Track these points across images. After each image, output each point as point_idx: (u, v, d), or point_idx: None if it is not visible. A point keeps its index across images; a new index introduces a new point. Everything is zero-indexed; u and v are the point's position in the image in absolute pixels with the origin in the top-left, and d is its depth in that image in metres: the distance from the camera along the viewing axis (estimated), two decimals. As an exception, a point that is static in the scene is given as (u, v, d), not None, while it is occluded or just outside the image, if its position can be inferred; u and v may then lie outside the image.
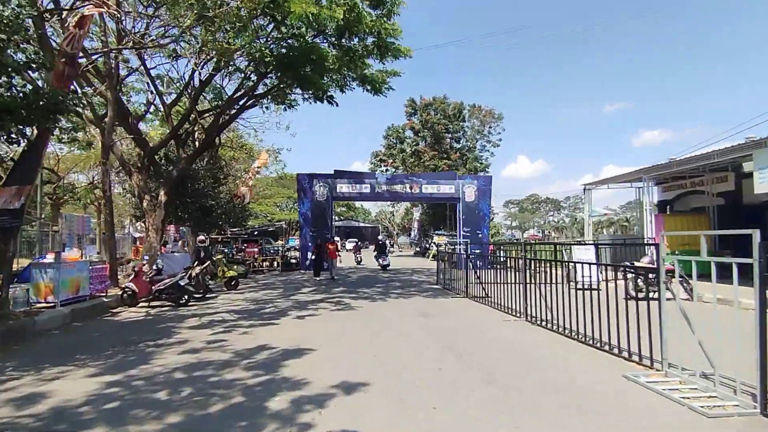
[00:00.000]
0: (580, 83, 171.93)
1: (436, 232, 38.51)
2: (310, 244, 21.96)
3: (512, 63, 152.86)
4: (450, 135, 39.64)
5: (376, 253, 23.86)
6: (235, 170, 28.85)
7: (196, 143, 21.05)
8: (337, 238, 58.80)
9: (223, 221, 23.18)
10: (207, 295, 12.27)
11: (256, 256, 21.39)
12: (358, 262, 29.57)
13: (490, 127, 42.28)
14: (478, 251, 21.75)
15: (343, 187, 22.20)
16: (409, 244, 69.45)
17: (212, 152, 21.21)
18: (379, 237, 29.41)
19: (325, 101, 17.00)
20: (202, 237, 14.23)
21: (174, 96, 16.05)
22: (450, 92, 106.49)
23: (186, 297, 10.80)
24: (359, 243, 40.38)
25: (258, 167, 24.63)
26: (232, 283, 13.94)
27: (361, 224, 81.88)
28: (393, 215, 61.05)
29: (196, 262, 12.50)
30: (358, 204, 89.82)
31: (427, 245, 43.64)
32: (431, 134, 38.76)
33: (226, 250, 22.53)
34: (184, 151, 15.41)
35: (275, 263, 21.70)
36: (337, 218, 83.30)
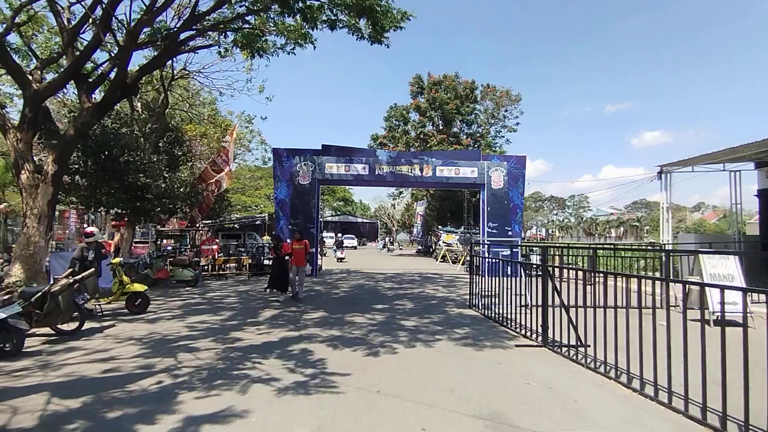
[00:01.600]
0: (581, 83, 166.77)
1: (445, 228, 33.37)
2: (288, 240, 16.76)
3: (512, 61, 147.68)
4: (461, 117, 34.44)
5: (335, 246, 26.20)
6: (200, 150, 23.70)
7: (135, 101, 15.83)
8: (331, 234, 54.02)
9: (177, 208, 17.98)
10: (82, 327, 7.13)
11: (216, 255, 16.24)
12: (340, 260, 25.35)
13: (505, 110, 37.15)
14: (507, 252, 16.65)
15: (333, 167, 17.04)
16: (409, 242, 64.55)
17: (157, 113, 16.00)
18: (339, 234, 32.08)
19: (307, 44, 12.00)
20: (91, 229, 9.03)
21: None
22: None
23: (13, 341, 5.63)
24: (340, 237, 35.30)
25: (228, 141, 19.43)
26: (137, 303, 8.78)
27: (359, 220, 76.78)
28: (394, 208, 55.66)
29: (70, 270, 7.33)
30: (356, 198, 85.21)
31: (432, 244, 38.64)
32: (440, 115, 33.55)
33: (178, 247, 17.36)
34: (88, 99, 10.20)
35: (243, 265, 16.53)
36: (333, 213, 78.35)
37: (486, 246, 17.23)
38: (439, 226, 42.35)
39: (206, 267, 15.94)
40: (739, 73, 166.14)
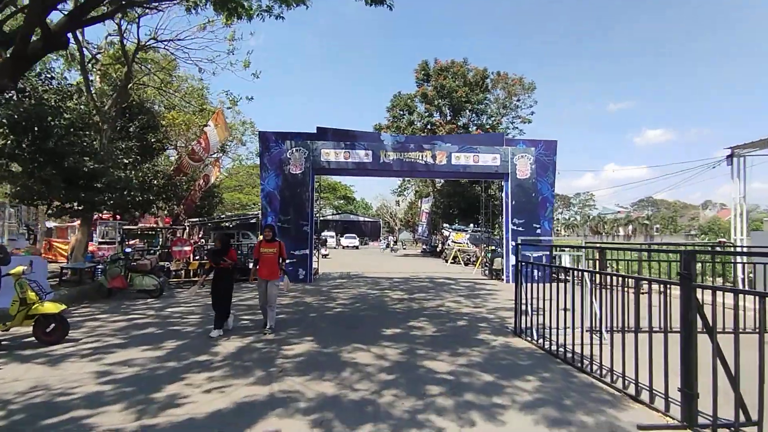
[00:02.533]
0: (583, 83, 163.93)
1: (453, 227, 30.72)
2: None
3: (513, 59, 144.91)
4: (470, 106, 31.76)
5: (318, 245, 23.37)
6: (184, 139, 21.14)
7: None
8: (332, 234, 51.42)
9: (150, 203, 15.39)
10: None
11: (191, 258, 13.62)
12: (324, 256, 23.68)
13: (518, 99, 34.49)
14: (533, 255, 14.04)
15: (330, 154, 14.42)
16: (413, 242, 61.94)
17: (119, 88, 13.37)
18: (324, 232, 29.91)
19: (298, 5, 9.43)
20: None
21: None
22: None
23: None
24: (321, 238, 32.68)
25: (211, 126, 16.79)
26: (48, 330, 6.17)
27: (361, 219, 74.15)
28: (398, 204, 52.99)
29: None
30: (358, 196, 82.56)
31: (438, 243, 36.02)
32: (448, 104, 30.89)
33: (147, 248, 14.73)
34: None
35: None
36: (334, 212, 75.75)
37: (514, 247, 14.56)
38: (446, 225, 39.80)
39: (179, 272, 13.34)
40: (739, 73, 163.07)
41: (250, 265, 15.04)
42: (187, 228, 29.02)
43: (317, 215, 71.39)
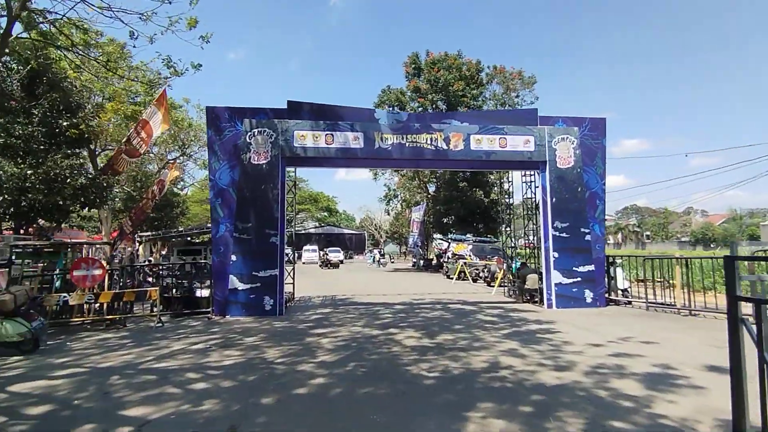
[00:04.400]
0: (561, 93, 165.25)
1: (455, 237, 26.96)
2: (233, 257, 10.12)
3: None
4: (467, 102, 28.35)
5: None
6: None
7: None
8: (314, 247, 47.16)
9: (62, 207, 11.20)
10: None
11: (97, 287, 9.33)
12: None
13: (517, 95, 31.33)
14: (583, 269, 10.40)
15: (306, 137, 10.51)
16: (399, 254, 57.93)
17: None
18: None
19: None
20: None
21: None
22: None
23: None
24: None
25: (155, 110, 12.66)
26: None
27: (345, 231, 70.07)
28: (388, 214, 49.09)
29: None
30: (340, 208, 78.29)
31: (433, 255, 32.16)
32: (444, 98, 27.40)
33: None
34: None
35: (154, 302, 9.62)
36: (316, 224, 71.35)
37: (558, 259, 10.82)
38: (438, 235, 36.02)
39: (84, 308, 9.10)
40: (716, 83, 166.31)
41: (201, 293, 10.99)
42: (137, 244, 24.53)
43: (297, 227, 66.85)
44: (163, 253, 31.56)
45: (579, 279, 10.83)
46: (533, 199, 12.99)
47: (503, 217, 14.76)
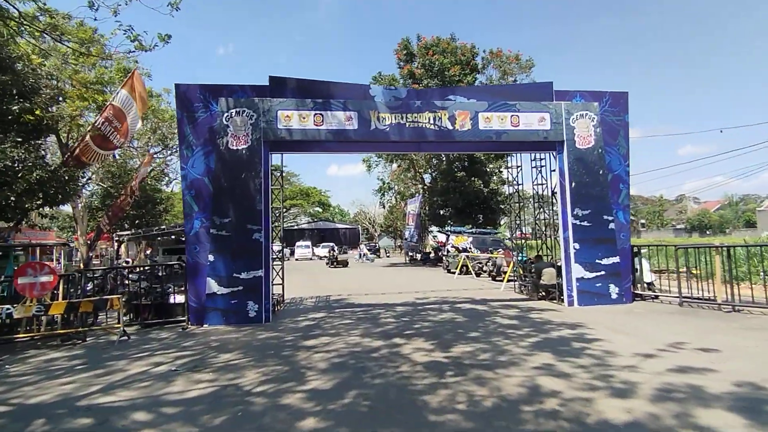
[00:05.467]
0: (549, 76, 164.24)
1: (453, 229, 25.77)
2: (210, 257, 8.80)
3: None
4: (464, 87, 27.03)
5: None
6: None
7: None
8: (307, 243, 45.81)
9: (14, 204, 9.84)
10: None
11: (58, 296, 7.99)
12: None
13: (514, 80, 30.04)
14: (607, 261, 9.23)
15: (291, 118, 9.16)
16: (394, 248, 56.72)
17: None
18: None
19: None
20: None
21: None
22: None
23: None
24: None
25: (125, 95, 11.21)
26: None
27: (339, 226, 68.67)
28: (384, 206, 47.73)
29: None
30: (333, 202, 76.77)
31: (434, 250, 30.96)
32: (439, 83, 26.03)
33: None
34: None
35: (123, 309, 8.31)
36: (309, 219, 69.80)
37: (578, 251, 9.63)
38: (434, 228, 34.82)
39: (33, 322, 7.74)
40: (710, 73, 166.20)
41: (175, 299, 9.65)
42: (116, 244, 23.02)
43: (290, 222, 65.54)
44: (148, 252, 30.12)
45: (603, 272, 9.64)
46: (545, 185, 11.81)
47: (510, 205, 13.50)
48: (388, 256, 45.11)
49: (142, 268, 10.75)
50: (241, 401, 4.37)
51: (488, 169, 28.94)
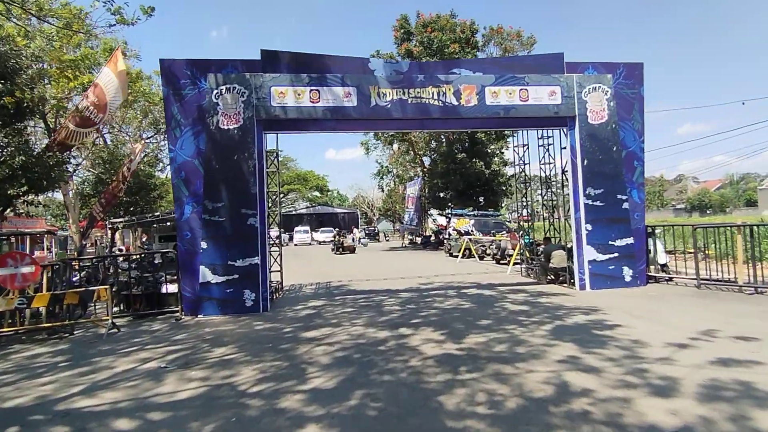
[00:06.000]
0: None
1: (454, 212, 25.31)
2: (203, 244, 8.32)
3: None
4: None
5: None
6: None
7: None
8: (306, 228, 45.33)
9: None
10: None
11: (42, 288, 7.53)
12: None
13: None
14: (620, 243, 8.75)
15: (286, 94, 8.56)
16: (393, 232, 56.30)
17: None
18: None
19: None
20: None
21: None
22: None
23: None
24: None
25: (105, 70, 10.54)
26: None
27: (337, 210, 68.13)
28: (382, 190, 47.11)
29: None
30: (331, 186, 75.92)
31: (434, 233, 30.56)
32: (439, 60, 25.20)
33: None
34: None
35: (113, 300, 7.87)
36: (308, 204, 69.18)
37: (591, 233, 9.16)
38: (434, 210, 34.35)
39: (17, 315, 7.28)
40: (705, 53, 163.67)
41: (169, 288, 9.18)
42: (111, 231, 22.50)
43: (288, 207, 65.05)
44: (144, 240, 29.60)
45: (616, 254, 9.19)
46: (552, 165, 11.31)
47: (517, 186, 12.98)
48: (387, 240, 44.74)
49: (134, 257, 10.28)
50: (235, 404, 3.92)
51: (489, 150, 28.30)
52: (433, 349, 5.32)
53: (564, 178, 10.12)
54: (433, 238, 29.17)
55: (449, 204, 28.87)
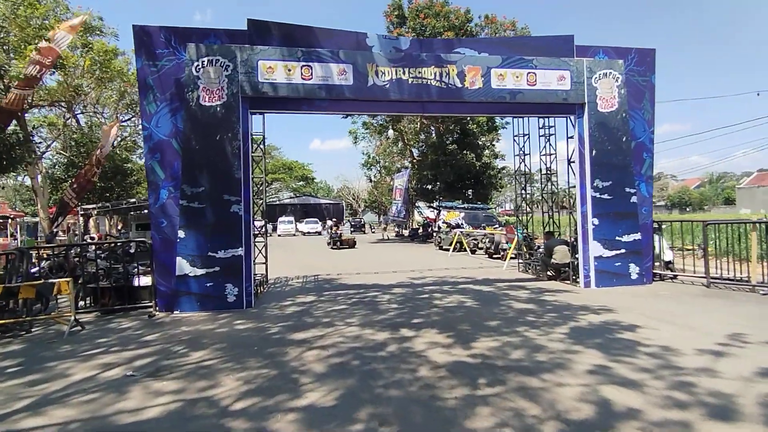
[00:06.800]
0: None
1: (444, 204, 24.79)
2: (181, 233, 7.52)
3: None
4: (457, 55, 25.55)
5: None
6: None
7: None
8: (290, 219, 44.31)
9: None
10: None
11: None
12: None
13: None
14: (628, 238, 8.27)
15: (275, 70, 7.77)
16: (378, 224, 55.63)
17: None
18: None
19: None
20: None
21: None
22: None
23: None
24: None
25: (61, 32, 9.54)
26: None
27: (322, 201, 67.08)
28: (371, 180, 46.28)
29: None
30: (317, 176, 74.71)
31: (422, 226, 30.04)
32: (432, 49, 24.50)
33: None
34: None
35: (77, 294, 7.04)
36: (292, 194, 67.90)
37: (597, 227, 8.67)
38: (421, 203, 33.86)
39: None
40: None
41: (142, 280, 8.37)
42: (84, 218, 21.34)
43: (272, 197, 63.85)
44: (120, 228, 28.31)
45: (623, 251, 8.74)
46: (554, 156, 10.82)
47: (516, 178, 12.43)
48: (373, 232, 44.10)
49: (105, 245, 9.40)
50: (214, 426, 3.24)
51: (481, 143, 27.84)
52: (442, 355, 4.71)
53: (570, 169, 9.58)
54: (421, 230, 28.65)
55: (438, 196, 28.35)
